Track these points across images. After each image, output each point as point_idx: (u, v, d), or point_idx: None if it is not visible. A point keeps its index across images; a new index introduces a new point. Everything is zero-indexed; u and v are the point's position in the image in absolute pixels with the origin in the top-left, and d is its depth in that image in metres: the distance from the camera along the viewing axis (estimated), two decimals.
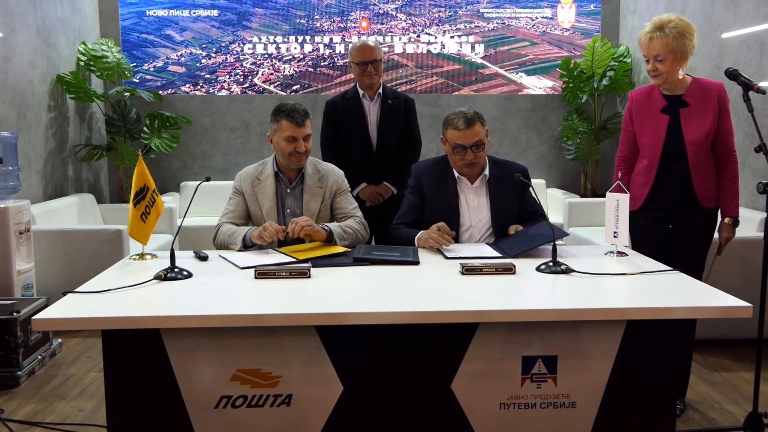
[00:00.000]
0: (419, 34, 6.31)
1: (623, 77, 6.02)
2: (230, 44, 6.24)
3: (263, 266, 2.40)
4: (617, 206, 2.66)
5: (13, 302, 3.67)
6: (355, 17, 6.27)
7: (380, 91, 3.78)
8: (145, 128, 5.95)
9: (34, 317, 1.92)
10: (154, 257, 2.70)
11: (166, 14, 6.20)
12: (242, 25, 6.23)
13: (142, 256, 2.69)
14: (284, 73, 6.28)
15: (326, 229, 2.82)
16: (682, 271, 2.44)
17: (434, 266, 2.53)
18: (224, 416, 2.09)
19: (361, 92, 3.78)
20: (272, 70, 6.27)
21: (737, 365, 3.60)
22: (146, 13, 6.17)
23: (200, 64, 6.24)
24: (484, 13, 6.33)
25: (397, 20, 6.29)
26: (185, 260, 2.59)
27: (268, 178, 2.98)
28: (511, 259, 2.56)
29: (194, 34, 6.23)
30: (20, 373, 3.42)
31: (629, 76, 6.12)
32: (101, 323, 1.96)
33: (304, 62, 6.29)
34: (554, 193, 6.14)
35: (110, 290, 2.17)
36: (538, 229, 2.78)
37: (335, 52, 6.29)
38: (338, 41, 6.27)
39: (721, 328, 3.83)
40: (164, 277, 2.32)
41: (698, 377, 3.42)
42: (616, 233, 2.67)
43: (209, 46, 6.24)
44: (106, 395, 2.10)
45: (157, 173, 6.22)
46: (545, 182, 6.35)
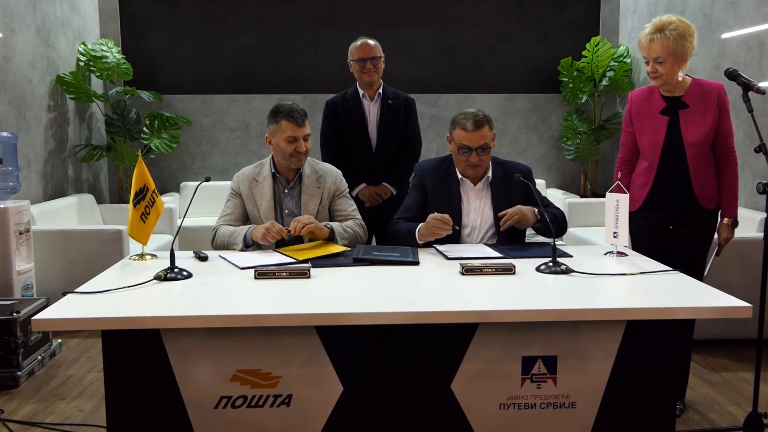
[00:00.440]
0: None
1: (623, 77, 6.02)
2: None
3: (263, 266, 2.40)
4: (617, 206, 2.66)
5: (12, 302, 3.67)
6: None
7: (380, 91, 3.78)
8: (144, 128, 5.95)
9: (33, 317, 1.92)
10: (153, 257, 2.70)
11: None
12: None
13: (141, 256, 2.69)
14: None
15: (328, 227, 2.82)
16: (681, 271, 2.44)
17: (434, 266, 2.53)
18: (224, 416, 2.10)
19: (361, 92, 3.78)
20: None
21: (737, 365, 3.60)
22: None
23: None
24: None
25: None
26: (185, 260, 2.59)
27: (265, 179, 2.98)
28: (510, 259, 2.56)
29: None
30: (20, 373, 3.42)
31: (629, 76, 6.12)
32: (101, 323, 1.96)
33: None
34: (554, 193, 6.14)
35: (110, 290, 2.17)
36: (540, 251, 2.73)
37: None
38: None
39: (721, 328, 3.83)
40: (164, 277, 2.32)
41: (698, 377, 3.42)
42: (615, 233, 2.67)
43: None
44: (106, 395, 2.10)
45: (156, 173, 6.22)
46: (545, 182, 6.35)
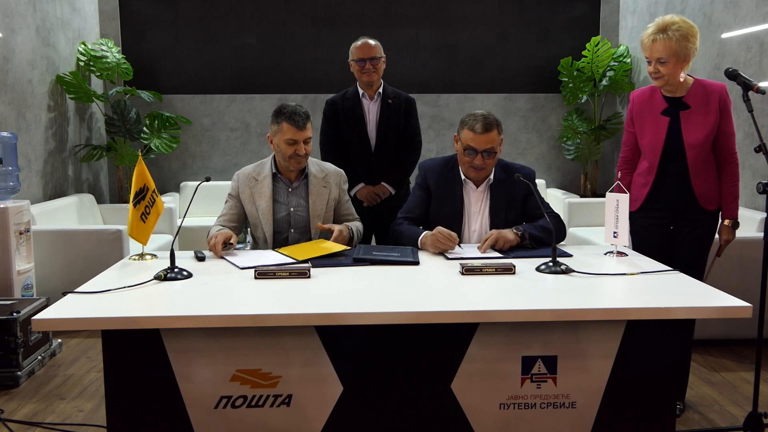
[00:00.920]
0: None
1: (623, 77, 6.02)
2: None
3: (263, 266, 2.40)
4: (617, 206, 2.66)
5: (12, 302, 3.67)
6: None
7: (380, 90, 3.78)
8: (144, 128, 5.95)
9: (33, 317, 1.92)
10: (153, 257, 2.70)
11: None
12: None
13: (141, 256, 2.69)
14: None
15: (350, 228, 2.92)
16: (682, 271, 2.44)
17: (434, 266, 2.53)
18: (224, 416, 2.10)
19: (361, 92, 3.78)
20: None
21: (737, 365, 3.60)
22: None
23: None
24: None
25: None
26: (185, 260, 2.59)
27: (265, 178, 2.99)
28: (510, 259, 2.56)
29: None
30: (20, 373, 3.42)
31: (629, 76, 6.12)
32: (101, 323, 1.96)
33: None
34: (554, 193, 6.14)
35: (110, 290, 2.17)
36: (540, 251, 2.71)
37: None
38: None
39: (721, 328, 3.83)
40: (164, 277, 2.32)
41: (698, 377, 3.42)
42: (615, 233, 2.67)
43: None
44: (106, 395, 2.10)
45: (156, 173, 6.22)
46: (545, 182, 6.35)
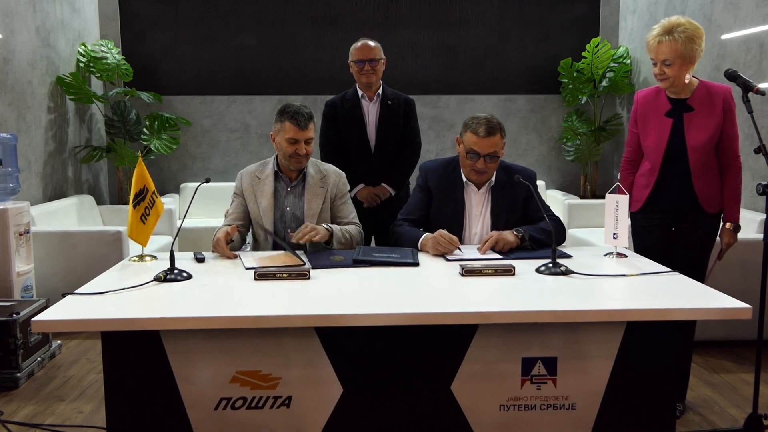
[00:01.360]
0: None
1: (623, 78, 6.02)
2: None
3: (263, 267, 2.41)
4: (617, 207, 2.66)
5: (12, 304, 3.66)
6: None
7: (380, 91, 3.78)
8: (144, 129, 5.95)
9: (33, 319, 1.92)
10: (153, 259, 2.70)
11: None
12: None
13: (141, 257, 2.69)
14: None
15: (329, 229, 2.84)
16: (682, 273, 2.44)
17: (434, 268, 2.53)
18: (224, 418, 2.10)
19: (360, 93, 3.78)
20: None
21: (737, 367, 3.60)
22: None
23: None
24: None
25: None
26: (185, 262, 2.59)
27: (267, 177, 3.00)
28: (510, 260, 2.56)
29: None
30: (20, 374, 3.42)
31: (629, 77, 6.12)
32: (101, 325, 1.96)
33: None
34: (554, 194, 6.14)
35: (110, 292, 2.17)
36: (539, 252, 2.70)
37: None
38: None
39: (721, 329, 3.83)
40: (164, 278, 2.32)
41: (698, 379, 3.42)
42: (615, 234, 2.67)
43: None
44: (105, 397, 2.10)
45: (156, 174, 6.22)
46: (545, 183, 6.35)
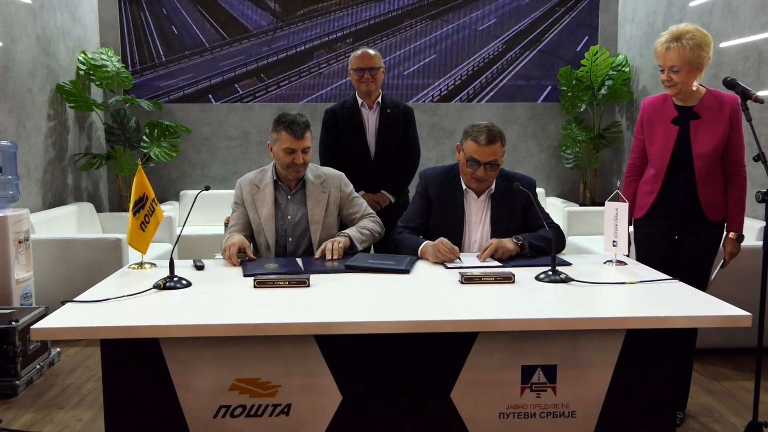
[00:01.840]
0: None
1: (622, 86, 6.03)
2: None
3: (262, 275, 2.41)
4: (616, 215, 2.67)
5: (11, 311, 3.66)
6: None
7: (379, 100, 3.79)
8: (144, 137, 5.95)
9: (32, 326, 1.92)
10: (153, 266, 2.70)
11: None
12: None
13: (141, 265, 2.69)
14: None
15: (345, 236, 2.88)
16: (685, 281, 2.44)
17: (433, 275, 2.53)
18: (223, 426, 2.09)
19: (360, 101, 3.79)
20: None
21: (737, 374, 3.59)
22: None
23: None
24: None
25: None
26: (184, 269, 2.59)
27: (267, 185, 2.99)
28: (510, 268, 2.56)
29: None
30: (18, 382, 3.41)
31: (628, 85, 6.14)
32: (100, 332, 1.96)
33: None
34: (553, 201, 6.15)
35: (109, 299, 2.17)
36: (539, 260, 2.71)
37: None
38: None
39: (721, 337, 3.82)
40: (163, 286, 2.32)
41: (698, 386, 3.41)
42: (615, 242, 2.67)
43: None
44: (104, 405, 2.10)
45: (156, 182, 6.22)
46: (544, 191, 6.35)
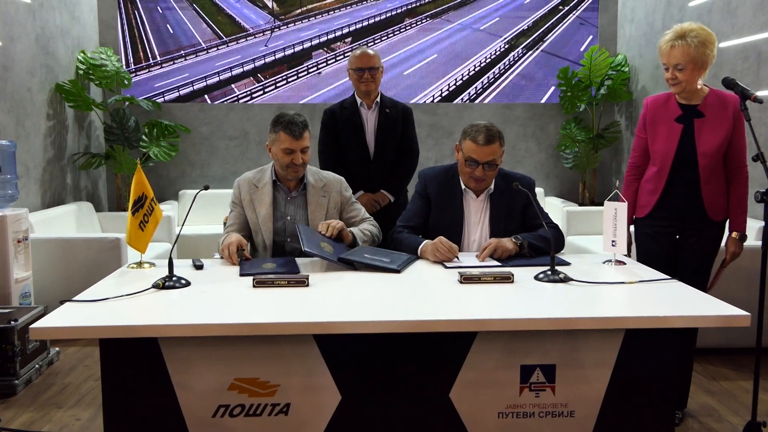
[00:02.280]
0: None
1: (621, 86, 6.03)
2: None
3: (261, 274, 2.41)
4: (615, 215, 2.67)
5: (10, 311, 3.66)
6: None
7: (378, 100, 3.79)
8: (143, 137, 5.95)
9: (31, 326, 1.92)
10: (152, 266, 2.70)
11: None
12: None
13: (140, 264, 2.69)
14: None
15: (351, 232, 2.88)
16: (685, 281, 2.44)
17: (432, 275, 2.54)
18: (222, 425, 2.09)
19: (359, 101, 3.80)
20: None
21: (736, 374, 3.59)
22: None
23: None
24: None
25: None
26: (183, 269, 2.59)
27: (265, 185, 2.99)
28: (509, 267, 2.56)
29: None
30: (17, 381, 3.41)
31: (627, 85, 6.14)
32: (99, 332, 1.96)
33: None
34: (553, 201, 6.15)
35: (108, 299, 2.17)
36: (538, 259, 2.70)
37: None
38: None
39: (720, 337, 3.83)
40: (162, 285, 2.32)
41: (697, 386, 3.42)
42: (614, 242, 2.68)
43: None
44: (103, 404, 2.10)
45: (155, 181, 6.22)
46: (543, 191, 6.35)
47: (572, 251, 5.07)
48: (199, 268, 2.65)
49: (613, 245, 2.68)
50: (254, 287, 2.32)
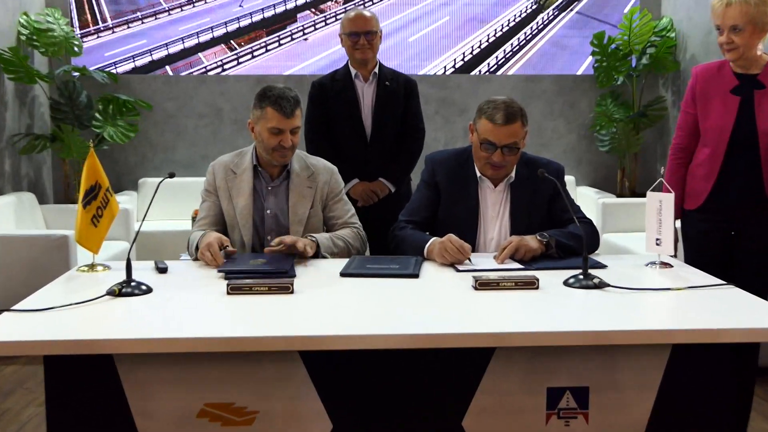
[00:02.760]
0: None
1: (666, 55, 6.02)
2: None
3: (237, 279, 2.40)
4: (660, 208, 2.66)
5: None
6: None
7: (376, 70, 3.78)
8: (97, 114, 5.94)
9: None
10: (106, 269, 2.70)
11: None
12: None
13: (92, 267, 2.69)
14: None
15: (313, 240, 2.83)
16: (743, 286, 2.43)
17: (442, 279, 2.54)
18: None
19: (353, 72, 3.79)
20: None
21: None
22: None
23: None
24: None
25: None
26: (144, 272, 2.59)
27: (245, 171, 2.99)
28: (533, 271, 2.56)
29: None
30: None
31: (673, 53, 6.13)
32: (43, 347, 1.96)
33: None
34: (585, 192, 6.15)
35: (54, 308, 2.17)
36: (568, 261, 2.70)
37: None
38: None
39: None
40: (119, 292, 2.31)
41: (757, 412, 3.42)
42: (659, 240, 2.67)
43: None
44: None
45: (111, 168, 6.21)
46: (575, 179, 6.35)
47: (608, 251, 5.07)
48: (162, 271, 2.65)
49: (657, 244, 2.68)
50: (228, 294, 2.31)
